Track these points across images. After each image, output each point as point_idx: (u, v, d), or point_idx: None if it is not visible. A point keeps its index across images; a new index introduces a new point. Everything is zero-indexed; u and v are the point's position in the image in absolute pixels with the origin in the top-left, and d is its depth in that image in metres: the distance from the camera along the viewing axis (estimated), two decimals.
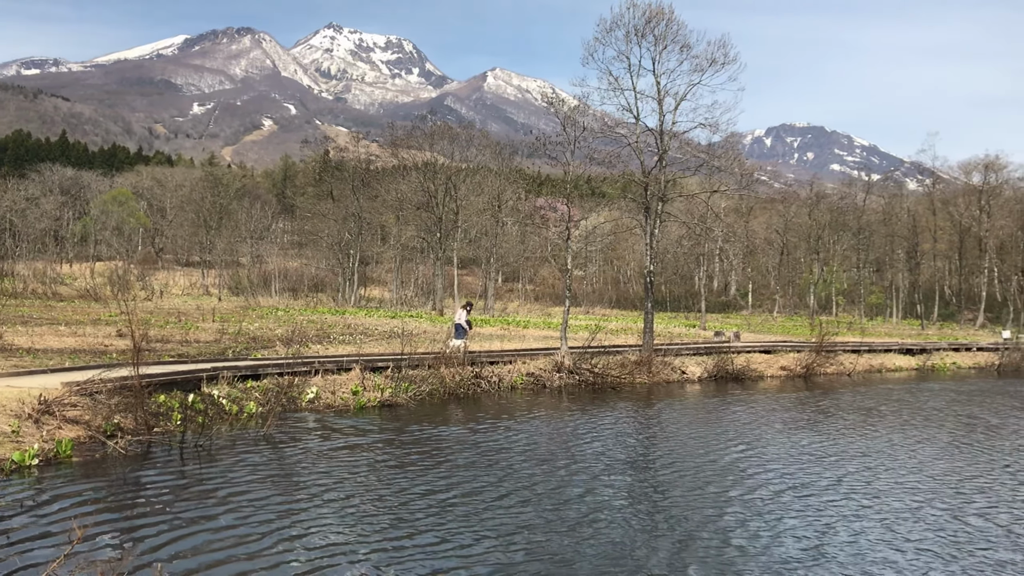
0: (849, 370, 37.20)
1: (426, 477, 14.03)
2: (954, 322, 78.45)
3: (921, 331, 65.10)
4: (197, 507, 11.63)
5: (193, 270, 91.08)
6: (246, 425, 17.77)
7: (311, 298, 69.78)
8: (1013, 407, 27.08)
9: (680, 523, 11.93)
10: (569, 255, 32.94)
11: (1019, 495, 14.49)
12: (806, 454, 17.54)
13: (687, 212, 61.11)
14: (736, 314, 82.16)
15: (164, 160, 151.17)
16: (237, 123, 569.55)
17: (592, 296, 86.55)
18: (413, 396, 22.45)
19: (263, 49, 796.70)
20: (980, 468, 16.75)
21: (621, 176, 40.24)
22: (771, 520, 12.24)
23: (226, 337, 31.64)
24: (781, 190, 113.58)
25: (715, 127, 33.57)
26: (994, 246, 79.09)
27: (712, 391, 28.83)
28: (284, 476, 13.71)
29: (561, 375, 27.68)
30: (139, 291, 62.04)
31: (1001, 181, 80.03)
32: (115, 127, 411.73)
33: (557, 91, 47.10)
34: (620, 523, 11.78)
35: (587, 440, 18.23)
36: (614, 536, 11.13)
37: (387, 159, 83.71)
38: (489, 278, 74.24)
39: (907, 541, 11.47)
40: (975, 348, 47.40)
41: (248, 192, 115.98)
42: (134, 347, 16.38)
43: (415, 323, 44.45)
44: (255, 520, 11.10)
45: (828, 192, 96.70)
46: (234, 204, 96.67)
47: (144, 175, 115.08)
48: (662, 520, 12.05)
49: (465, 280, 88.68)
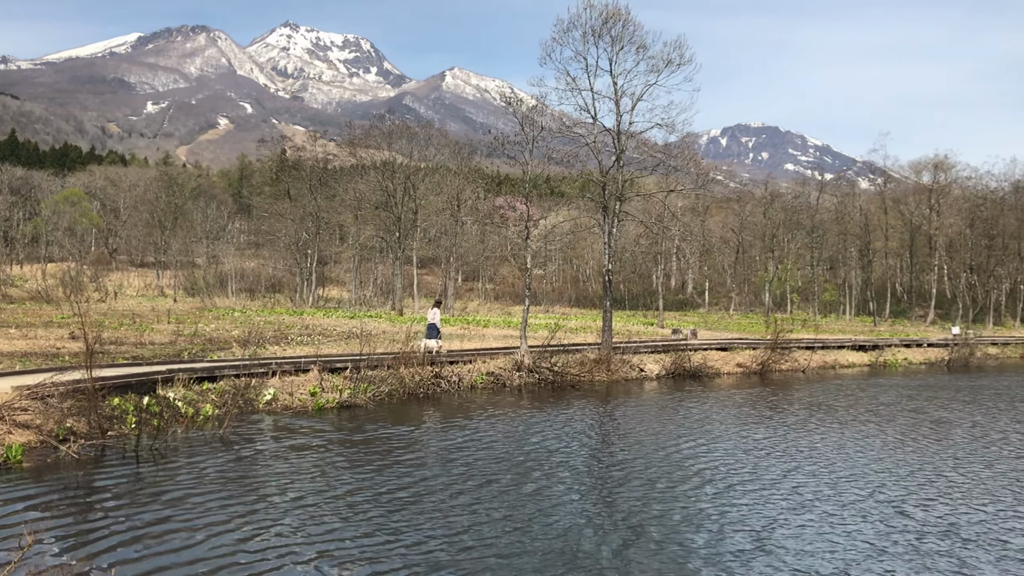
0: (803, 366, 37.78)
1: (380, 477, 14.04)
2: (905, 318, 80.00)
3: (874, 328, 66.29)
4: (150, 510, 11.53)
5: (148, 271, 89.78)
6: (202, 428, 17.62)
7: (268, 299, 69.16)
8: (962, 402, 27.72)
9: (628, 518, 12.09)
10: (529, 254, 33.04)
11: (959, 486, 14.87)
12: (757, 449, 17.83)
13: (645, 211, 61.65)
14: (693, 312, 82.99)
15: (118, 160, 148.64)
16: (192, 122, 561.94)
17: (552, 295, 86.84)
18: (372, 397, 22.40)
19: (218, 47, 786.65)
20: (927, 461, 17.15)
21: (579, 175, 40.49)
22: (717, 514, 12.45)
23: (182, 339, 31.27)
24: (736, 189, 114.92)
25: (671, 127, 33.89)
26: (943, 244, 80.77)
27: (670, 388, 29.13)
28: (239, 478, 13.63)
29: (521, 374, 27.78)
30: (92, 293, 60.98)
31: (950, 180, 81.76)
32: (67, 126, 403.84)
33: (515, 91, 47.12)
34: (570, 520, 11.90)
35: (544, 439, 18.33)
36: (563, 532, 11.25)
37: (345, 158, 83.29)
38: (449, 277, 74.18)
39: (847, 532, 11.73)
40: (926, 344, 48.39)
41: (204, 192, 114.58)
42: (87, 349, 16.14)
43: (374, 323, 44.28)
44: (208, 523, 11.05)
45: (782, 191, 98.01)
46: (189, 204, 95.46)
47: (97, 175, 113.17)
48: (612, 516, 12.21)
49: (425, 279, 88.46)
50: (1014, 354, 50.59)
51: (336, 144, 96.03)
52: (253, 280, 78.01)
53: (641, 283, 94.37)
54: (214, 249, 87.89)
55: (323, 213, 71.51)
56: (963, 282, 78.21)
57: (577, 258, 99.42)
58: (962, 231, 78.55)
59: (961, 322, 68.04)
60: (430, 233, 77.62)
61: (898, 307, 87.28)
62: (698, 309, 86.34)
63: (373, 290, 77.84)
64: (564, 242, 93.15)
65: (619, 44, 32.91)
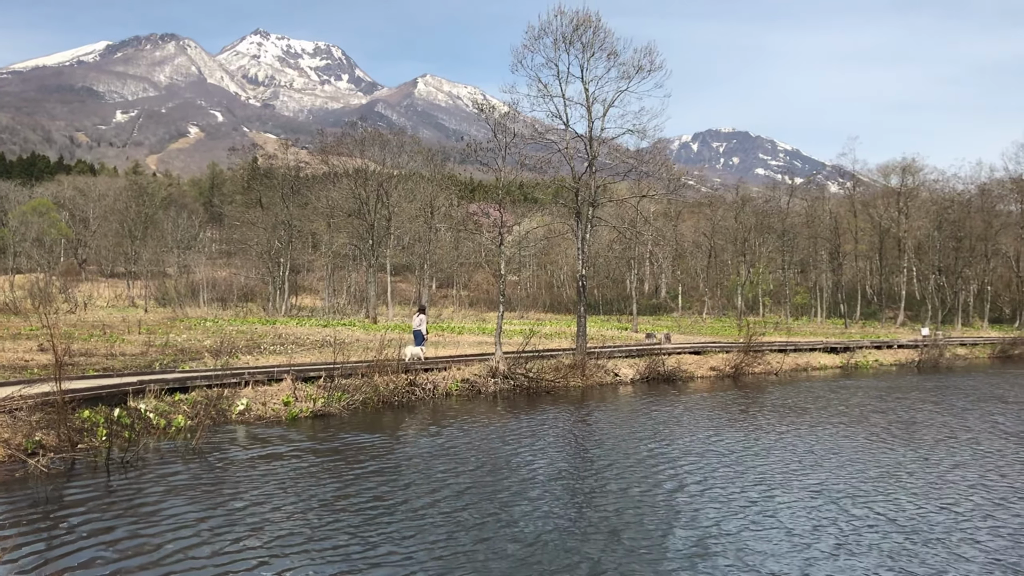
0: (776, 369, 38.06)
1: (353, 488, 13.98)
2: (876, 320, 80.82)
3: (845, 330, 66.92)
4: (121, 524, 11.40)
5: (118, 281, 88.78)
6: (174, 439, 17.45)
7: (241, 308, 68.63)
8: (932, 402, 28.06)
9: (600, 524, 12.14)
10: (503, 260, 33.06)
11: (924, 485, 15.05)
12: (729, 454, 17.95)
13: (618, 217, 61.92)
14: (667, 316, 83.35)
15: (86, 169, 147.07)
16: (162, 131, 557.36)
17: (526, 301, 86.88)
18: (346, 405, 22.29)
19: (188, 55, 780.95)
20: (897, 461, 17.34)
21: (552, 181, 40.69)
22: (689, 520, 12.53)
23: (153, 349, 30.96)
24: (708, 194, 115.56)
25: (643, 133, 34.08)
26: (912, 246, 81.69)
27: (644, 392, 29.23)
28: (211, 490, 13.51)
29: (496, 380, 27.76)
30: (62, 304, 60.18)
31: (918, 183, 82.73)
32: (34, 135, 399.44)
33: (488, 97, 47.21)
34: (543, 528, 11.92)
35: (518, 446, 18.34)
36: (535, 540, 11.27)
37: (317, 166, 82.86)
38: (423, 284, 74.06)
39: (816, 533, 11.84)
40: (896, 345, 48.92)
41: (174, 201, 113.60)
42: (56, 361, 15.95)
43: (348, 331, 44.08)
44: (179, 536, 10.96)
45: (753, 196, 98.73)
46: (160, 213, 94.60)
47: (66, 185, 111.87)
48: (584, 523, 12.25)
49: (399, 287, 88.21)
50: (982, 354, 51.26)
51: (308, 152, 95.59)
52: (225, 289, 77.37)
53: (615, 288, 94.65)
54: (185, 259, 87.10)
55: (295, 221, 71.12)
56: (932, 284, 79.14)
57: (551, 264, 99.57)
58: (930, 233, 79.46)
59: (930, 323, 68.87)
60: (404, 240, 77.45)
61: (868, 309, 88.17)
62: (672, 313, 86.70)
63: (347, 298, 77.48)
64: (538, 248, 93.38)
65: (590, 51, 33.08)
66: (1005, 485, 15.23)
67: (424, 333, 28.81)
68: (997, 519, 12.86)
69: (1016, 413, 25.23)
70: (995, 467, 16.89)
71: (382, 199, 66.25)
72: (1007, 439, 20.41)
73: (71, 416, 16.08)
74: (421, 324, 28.82)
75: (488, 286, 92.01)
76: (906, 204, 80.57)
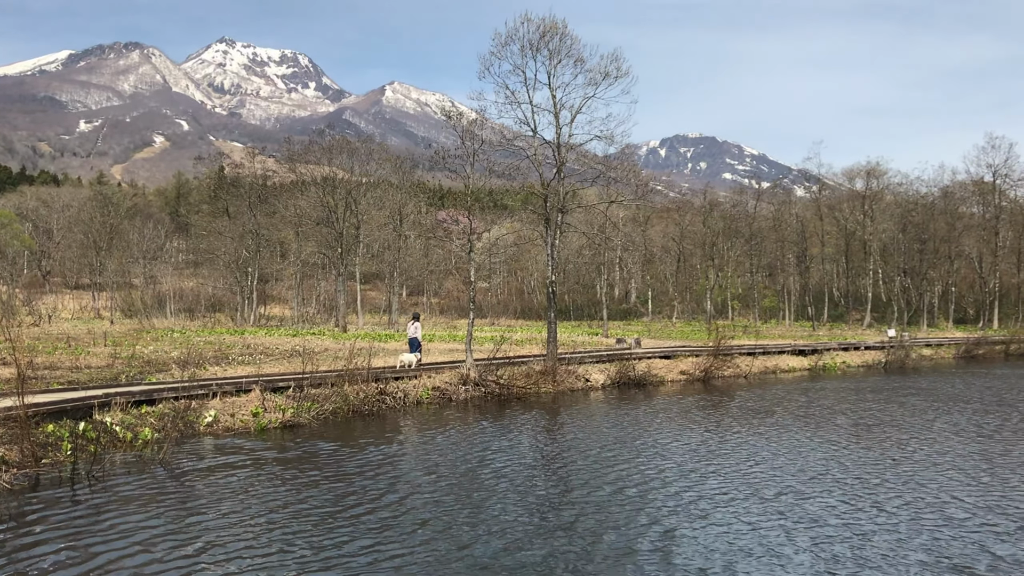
0: (745, 372, 38.34)
1: (323, 498, 13.90)
2: (843, 322, 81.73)
3: (812, 332, 67.59)
4: (85, 539, 11.23)
5: (83, 293, 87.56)
6: (142, 452, 17.21)
7: (209, 318, 67.95)
8: (899, 403, 28.42)
9: (569, 529, 12.14)
10: (472, 267, 33.04)
11: (892, 488, 15.23)
12: (697, 459, 18.05)
13: (587, 223, 62.14)
14: (637, 321, 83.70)
15: (50, 179, 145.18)
16: (127, 140, 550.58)
17: (497, 307, 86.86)
18: (316, 415, 22.13)
19: (152, 64, 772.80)
20: (863, 462, 17.53)
21: (521, 188, 40.66)
22: (658, 525, 12.57)
23: (119, 361, 30.55)
24: (676, 199, 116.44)
25: (610, 139, 34.27)
26: (878, 249, 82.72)
27: (615, 397, 29.31)
28: (179, 503, 13.35)
29: (467, 388, 27.71)
30: (25, 316, 59.24)
31: (882, 187, 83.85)
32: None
33: (456, 104, 47.23)
34: (513, 533, 11.90)
35: (489, 453, 18.32)
36: (505, 547, 11.25)
37: (285, 174, 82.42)
38: (393, 292, 73.77)
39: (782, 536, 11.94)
40: (863, 347, 49.49)
41: (140, 211, 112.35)
42: (19, 375, 15.71)
43: (317, 341, 43.80)
44: (146, 549, 10.81)
45: (721, 200, 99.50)
46: (125, 224, 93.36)
47: (28, 195, 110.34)
48: (552, 529, 12.25)
49: (369, 295, 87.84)
50: (947, 355, 51.99)
51: (275, 160, 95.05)
52: (192, 300, 76.58)
53: (585, 294, 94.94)
54: (151, 269, 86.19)
55: (263, 230, 70.61)
56: (897, 285, 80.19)
57: (521, 270, 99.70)
58: (895, 236, 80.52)
59: (896, 325, 69.74)
60: (373, 248, 77.04)
61: (836, 311, 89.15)
62: (642, 318, 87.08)
63: (316, 307, 77.01)
64: (508, 254, 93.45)
65: (557, 57, 33.21)
66: (950, 483, 15.46)
67: (420, 340, 30.03)
68: (933, 517, 13.04)
69: (976, 414, 25.61)
70: (953, 466, 17.14)
71: (351, 207, 65.96)
72: (967, 440, 20.73)
73: (35, 431, 15.83)
74: (416, 331, 30.21)
75: (458, 293, 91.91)
76: (871, 207, 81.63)
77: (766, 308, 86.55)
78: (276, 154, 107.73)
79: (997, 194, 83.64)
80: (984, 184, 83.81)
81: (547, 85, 33.65)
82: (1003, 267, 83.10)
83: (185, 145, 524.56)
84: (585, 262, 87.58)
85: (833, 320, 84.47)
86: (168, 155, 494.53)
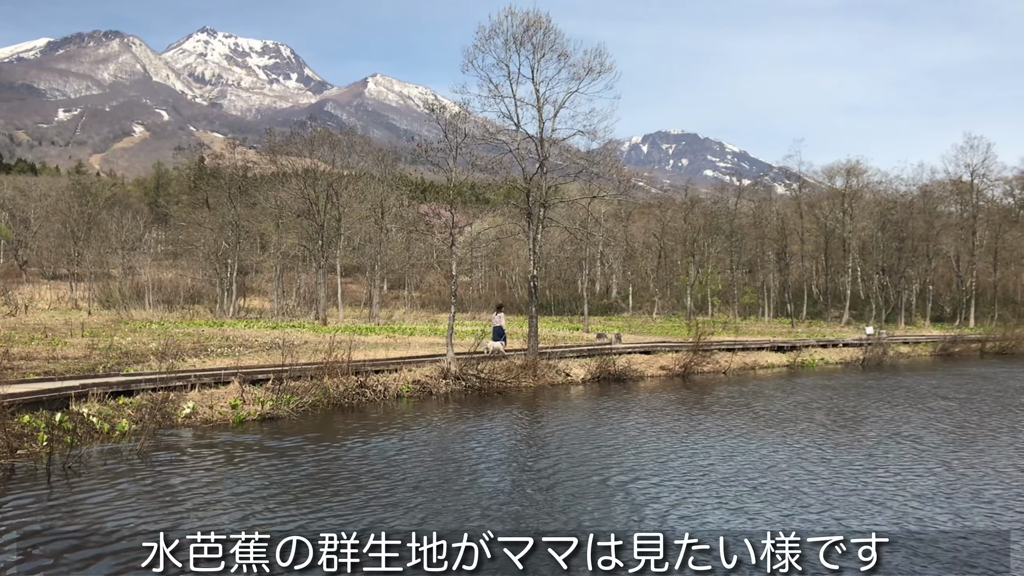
0: (725, 368, 38.54)
1: (298, 490, 13.86)
2: (822, 319, 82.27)
3: (791, 329, 68.00)
4: (60, 530, 11.14)
5: (61, 283, 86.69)
6: (119, 443, 17.09)
7: (187, 310, 67.50)
8: (877, 400, 28.69)
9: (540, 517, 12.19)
10: (454, 261, 33.01)
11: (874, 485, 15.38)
12: (676, 453, 18.14)
13: (569, 217, 62.14)
14: (618, 316, 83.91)
15: (27, 168, 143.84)
16: (106, 130, 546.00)
17: (478, 302, 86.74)
18: (295, 408, 22.06)
19: (132, 53, 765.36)
20: (839, 459, 17.69)
21: (504, 182, 40.69)
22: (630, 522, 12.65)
23: (96, 352, 30.29)
24: (658, 195, 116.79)
25: (593, 134, 34.31)
26: (857, 247, 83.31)
27: (595, 392, 29.40)
28: (155, 494, 13.28)
29: (448, 381, 27.69)
30: (1, 306, 58.63)
31: (862, 185, 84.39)
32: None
33: (439, 97, 47.15)
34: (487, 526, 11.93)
35: (468, 447, 18.35)
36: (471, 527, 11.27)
37: (265, 166, 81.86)
38: (374, 286, 73.54)
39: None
40: (841, 344, 49.84)
41: (119, 201, 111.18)
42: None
43: (297, 333, 43.63)
44: (121, 540, 10.73)
45: (702, 197, 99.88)
46: (104, 214, 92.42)
47: (5, 184, 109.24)
48: (525, 519, 12.28)
49: (350, 288, 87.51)
50: (924, 352, 52.47)
51: (256, 151, 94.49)
52: (171, 291, 75.99)
53: (566, 289, 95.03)
54: (130, 260, 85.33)
55: (243, 222, 70.18)
56: (876, 283, 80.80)
57: (503, 265, 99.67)
58: (874, 234, 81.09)
59: (874, 322, 70.30)
60: (354, 241, 76.82)
61: (814, 308, 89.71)
62: (622, 313, 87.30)
63: (296, 300, 76.63)
64: (490, 249, 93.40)
65: (540, 52, 33.19)
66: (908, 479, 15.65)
67: (504, 328, 32.52)
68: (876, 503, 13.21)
69: (951, 410, 25.91)
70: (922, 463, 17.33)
71: (332, 199, 65.68)
72: (942, 435, 20.96)
73: (10, 421, 15.68)
74: (500, 320, 32.55)
75: (440, 287, 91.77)
76: (851, 205, 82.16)
77: (745, 305, 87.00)
78: (257, 145, 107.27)
79: (975, 194, 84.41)
80: (962, 184, 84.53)
81: (531, 79, 33.65)
82: (980, 266, 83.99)
83: (165, 135, 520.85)
84: (567, 257, 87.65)
85: (812, 317, 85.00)
86: (148, 145, 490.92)
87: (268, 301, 76.48)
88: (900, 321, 79.34)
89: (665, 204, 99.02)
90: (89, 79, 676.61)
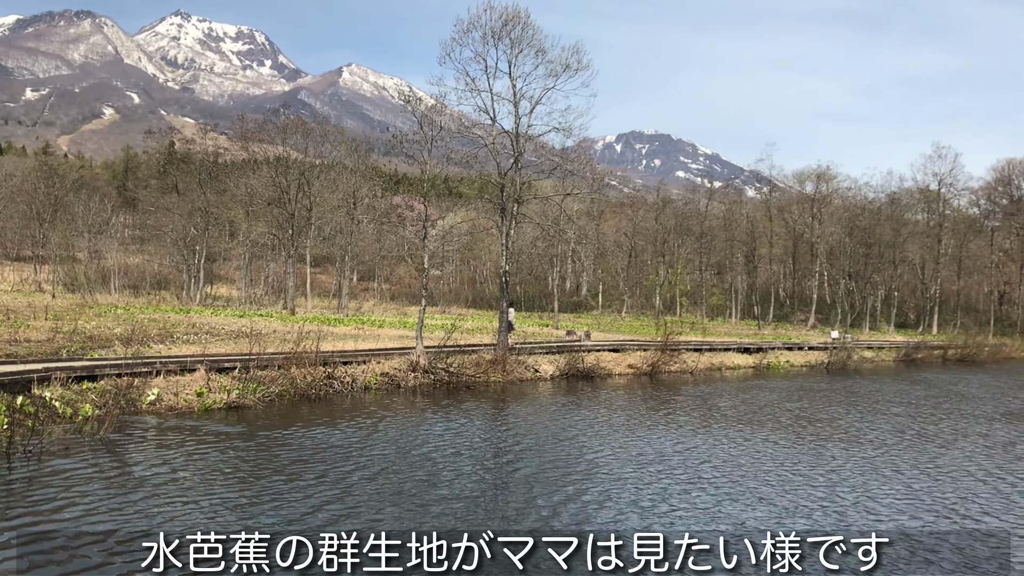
0: (692, 368, 38.80)
1: (263, 480, 13.78)
2: (788, 322, 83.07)
3: (758, 331, 68.58)
4: (17, 511, 10.98)
5: (24, 265, 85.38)
6: (81, 428, 16.88)
7: (154, 296, 66.79)
8: (839, 402, 29.04)
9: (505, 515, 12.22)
10: (426, 254, 32.94)
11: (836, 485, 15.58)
12: (639, 452, 18.25)
13: (542, 214, 62.15)
14: (587, 314, 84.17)
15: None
16: (75, 111, 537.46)
17: (449, 296, 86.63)
18: (262, 397, 21.90)
19: (104, 34, 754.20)
20: (800, 457, 17.89)
21: (478, 177, 40.61)
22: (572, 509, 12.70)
23: (60, 336, 29.86)
24: (630, 195, 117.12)
25: (568, 131, 34.34)
26: (824, 251, 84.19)
27: (563, 389, 29.48)
28: (117, 481, 13.14)
29: (416, 375, 27.63)
30: None
31: (831, 191, 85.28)
32: None
33: (415, 89, 47.02)
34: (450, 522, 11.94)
35: (434, 441, 18.32)
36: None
37: (237, 152, 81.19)
38: (344, 277, 73.13)
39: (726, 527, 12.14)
40: (807, 347, 50.36)
41: (86, 184, 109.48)
42: None
43: (265, 322, 43.29)
44: (80, 526, 10.60)
45: (673, 198, 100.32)
46: (71, 196, 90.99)
47: None
48: (489, 517, 12.30)
49: (319, 279, 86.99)
50: (888, 358, 53.11)
51: (228, 138, 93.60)
52: (138, 276, 75.13)
53: (537, 285, 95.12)
54: (96, 243, 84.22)
55: (213, 208, 69.43)
56: (842, 288, 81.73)
57: (475, 259, 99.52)
58: (842, 239, 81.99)
59: (840, 326, 71.07)
60: (325, 231, 76.24)
61: (781, 311, 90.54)
62: (592, 311, 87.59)
63: (264, 288, 76.08)
64: (462, 243, 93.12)
65: (518, 47, 33.16)
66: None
67: (513, 322, 33.88)
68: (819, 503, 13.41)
69: (911, 416, 26.28)
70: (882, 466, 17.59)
71: (303, 188, 65.23)
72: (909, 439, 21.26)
73: None
74: (511, 315, 33.87)
75: (410, 280, 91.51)
76: (819, 210, 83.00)
77: (713, 306, 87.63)
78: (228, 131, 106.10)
79: (941, 202, 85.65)
80: (929, 192, 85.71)
81: (508, 74, 33.62)
82: (944, 274, 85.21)
83: (135, 118, 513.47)
84: (539, 253, 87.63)
85: (778, 320, 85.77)
86: (117, 128, 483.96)
87: (236, 289, 75.85)
88: (865, 326, 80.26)
89: (637, 204, 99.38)
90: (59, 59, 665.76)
